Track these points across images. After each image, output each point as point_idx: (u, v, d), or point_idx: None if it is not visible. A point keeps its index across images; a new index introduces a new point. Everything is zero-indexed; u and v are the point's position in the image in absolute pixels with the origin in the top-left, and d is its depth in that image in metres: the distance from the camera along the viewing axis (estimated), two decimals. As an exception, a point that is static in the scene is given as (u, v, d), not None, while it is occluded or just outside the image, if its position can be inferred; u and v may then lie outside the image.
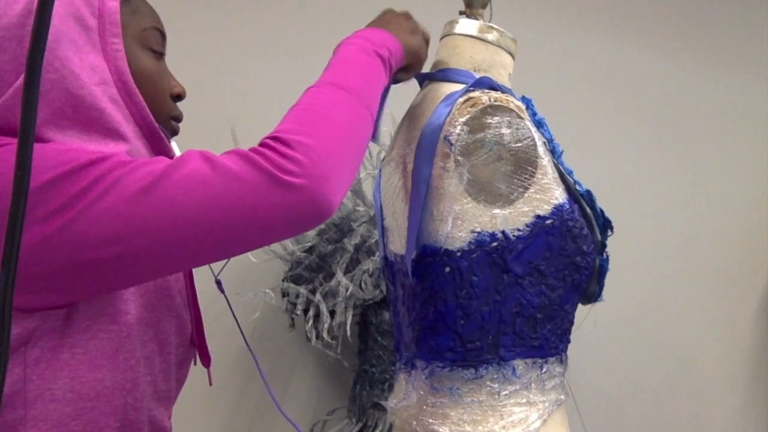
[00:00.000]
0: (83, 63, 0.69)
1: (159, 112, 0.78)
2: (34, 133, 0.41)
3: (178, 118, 0.82)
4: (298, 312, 1.62)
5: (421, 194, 0.86)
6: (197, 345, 0.85)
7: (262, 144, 0.69)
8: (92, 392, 0.70)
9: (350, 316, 1.59)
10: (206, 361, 0.87)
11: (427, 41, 0.92)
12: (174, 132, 0.83)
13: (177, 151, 0.82)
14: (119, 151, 0.69)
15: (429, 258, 0.88)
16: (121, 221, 0.63)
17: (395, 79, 0.91)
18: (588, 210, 0.92)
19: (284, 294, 1.66)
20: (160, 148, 0.77)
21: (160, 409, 0.79)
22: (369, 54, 0.80)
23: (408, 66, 0.90)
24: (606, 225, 0.95)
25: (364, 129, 0.76)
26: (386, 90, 0.87)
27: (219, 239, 0.66)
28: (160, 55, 0.79)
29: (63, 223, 0.62)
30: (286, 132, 0.69)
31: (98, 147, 0.69)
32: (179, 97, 0.82)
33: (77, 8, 0.70)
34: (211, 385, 0.91)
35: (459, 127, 0.85)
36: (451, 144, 0.85)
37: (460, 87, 0.91)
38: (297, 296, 1.63)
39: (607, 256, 0.96)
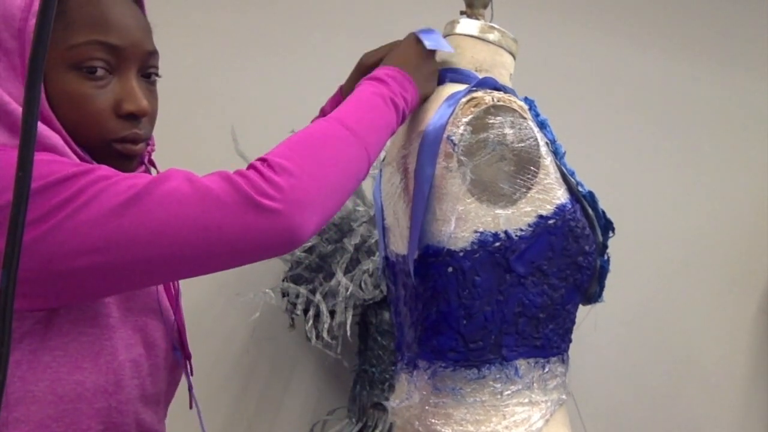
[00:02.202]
0: (3, 89, 0.68)
1: (91, 137, 0.72)
2: (35, 134, 0.41)
3: (128, 139, 0.74)
4: (298, 312, 1.62)
5: (424, 194, 0.86)
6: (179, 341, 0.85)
7: (250, 166, 0.69)
8: (73, 394, 0.70)
9: (350, 316, 1.59)
10: (186, 354, 0.86)
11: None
12: (122, 155, 0.74)
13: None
14: (101, 165, 0.69)
15: (432, 258, 0.88)
16: (99, 233, 0.63)
17: None
18: (590, 211, 0.92)
19: (284, 294, 1.66)
20: None
21: (149, 412, 0.78)
22: (385, 100, 0.81)
23: None
24: (607, 226, 0.95)
25: (356, 169, 0.76)
26: None
27: (194, 257, 0.67)
28: (106, 71, 0.71)
29: (42, 232, 0.63)
30: (275, 155, 0.69)
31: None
32: (133, 115, 0.73)
33: None
34: (191, 408, 0.90)
35: (462, 127, 0.85)
36: (455, 144, 0.85)
37: (462, 87, 0.91)
38: (297, 296, 1.63)
39: (608, 257, 0.96)
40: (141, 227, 0.64)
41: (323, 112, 1.01)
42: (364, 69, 0.93)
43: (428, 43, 0.91)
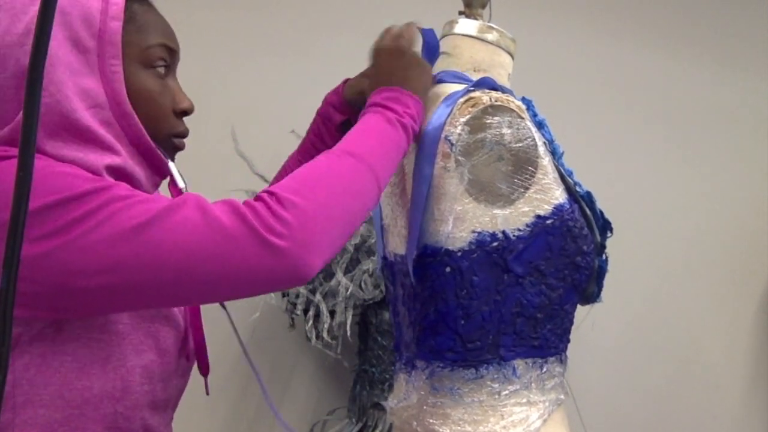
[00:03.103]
0: (77, 87, 0.70)
1: (158, 131, 0.78)
2: (35, 135, 0.41)
3: (182, 134, 0.81)
4: (298, 312, 1.62)
5: (422, 194, 0.86)
6: (197, 353, 0.85)
7: (258, 197, 0.70)
8: (80, 399, 0.71)
9: (350, 316, 1.60)
10: (204, 370, 0.88)
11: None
12: (176, 148, 0.81)
13: (175, 172, 0.81)
14: (119, 182, 0.70)
15: (430, 258, 0.88)
16: (109, 255, 0.64)
17: None
18: (588, 211, 0.92)
19: (284, 294, 1.66)
20: (158, 167, 0.79)
21: (157, 418, 0.79)
22: (392, 123, 0.82)
23: None
24: (605, 227, 0.95)
25: (365, 199, 0.76)
26: None
27: (200, 287, 0.68)
28: (165, 71, 0.78)
29: (53, 247, 0.63)
30: (283, 189, 0.70)
31: (96, 156, 0.71)
32: (185, 112, 0.81)
33: (75, 31, 0.71)
34: (207, 394, 0.90)
35: (460, 127, 0.86)
36: (452, 144, 0.85)
37: (460, 87, 0.91)
38: (297, 296, 1.63)
39: (606, 257, 0.96)
40: (150, 253, 0.65)
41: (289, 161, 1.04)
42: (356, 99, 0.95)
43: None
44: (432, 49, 0.96)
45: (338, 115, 0.98)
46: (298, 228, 0.67)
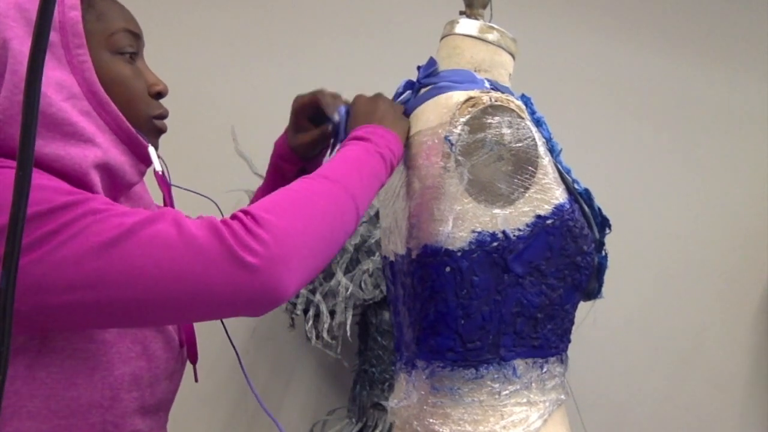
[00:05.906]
0: (49, 80, 0.69)
1: (137, 115, 0.77)
2: (35, 135, 0.41)
3: (162, 116, 0.81)
4: (298, 312, 1.62)
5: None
6: (187, 343, 0.84)
7: (234, 216, 0.68)
8: (68, 410, 0.70)
9: (350, 316, 1.60)
10: (193, 358, 0.86)
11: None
12: (159, 131, 0.81)
13: (154, 158, 0.79)
14: (97, 196, 0.68)
15: (430, 258, 0.88)
16: (80, 271, 0.62)
17: None
18: (586, 209, 0.92)
19: (284, 294, 1.65)
20: (142, 154, 0.77)
21: (148, 421, 0.78)
22: (371, 153, 0.82)
23: None
24: (604, 223, 0.96)
25: (343, 220, 0.75)
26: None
27: (170, 305, 0.65)
28: (133, 56, 0.78)
29: (26, 263, 0.61)
30: (258, 209, 0.68)
31: (78, 150, 0.69)
32: (160, 94, 0.80)
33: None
34: (196, 381, 0.90)
35: (460, 127, 0.86)
36: (452, 144, 0.85)
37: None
38: (297, 296, 1.63)
39: (606, 253, 0.96)
40: (121, 269, 0.63)
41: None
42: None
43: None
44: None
45: (288, 166, 0.99)
46: (273, 245, 0.65)
